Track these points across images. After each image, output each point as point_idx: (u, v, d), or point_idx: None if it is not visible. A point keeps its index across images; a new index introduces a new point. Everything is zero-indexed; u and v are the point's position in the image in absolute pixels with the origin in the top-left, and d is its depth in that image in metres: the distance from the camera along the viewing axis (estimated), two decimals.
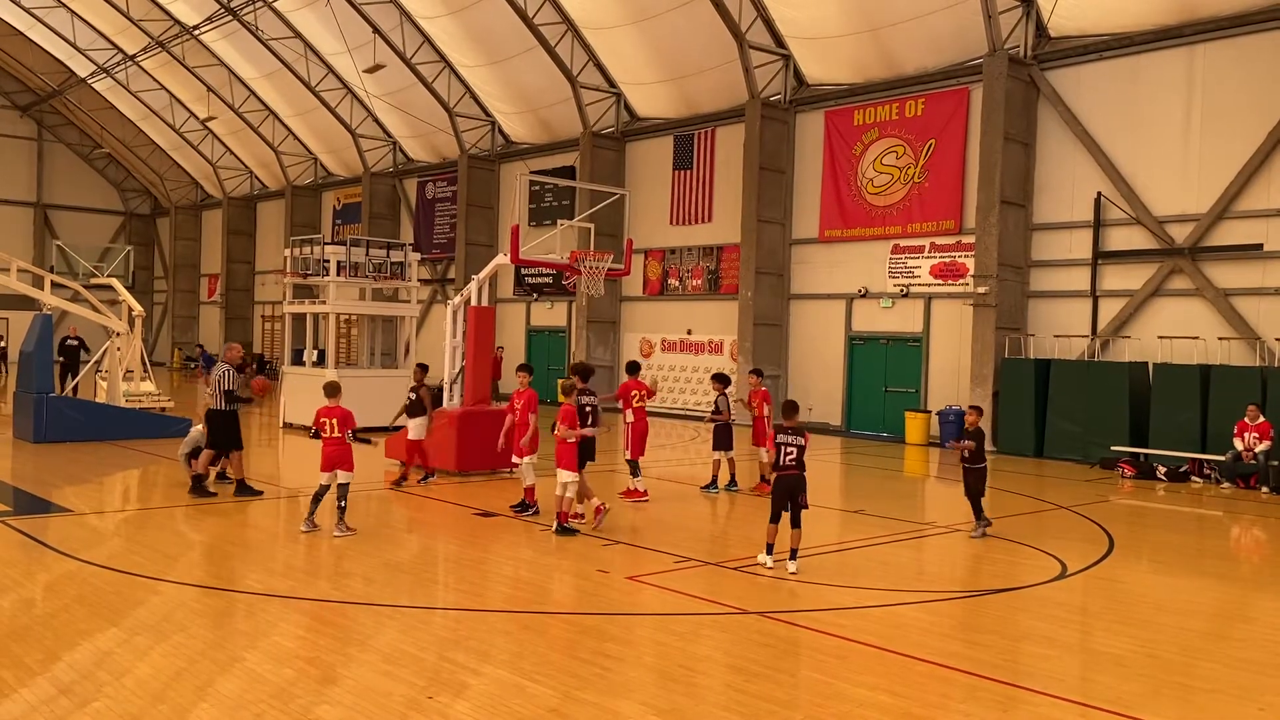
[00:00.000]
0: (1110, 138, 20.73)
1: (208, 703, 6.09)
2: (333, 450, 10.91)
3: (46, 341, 18.76)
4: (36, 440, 17.98)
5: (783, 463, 9.81)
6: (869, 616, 8.36)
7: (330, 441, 10.93)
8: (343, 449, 10.93)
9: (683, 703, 6.30)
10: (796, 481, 9.81)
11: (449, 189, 36.60)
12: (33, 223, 51.66)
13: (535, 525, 11.75)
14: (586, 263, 15.52)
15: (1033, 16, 21.44)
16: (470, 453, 15.37)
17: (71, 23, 40.72)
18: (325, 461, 10.95)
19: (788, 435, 9.84)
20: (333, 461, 10.90)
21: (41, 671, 6.57)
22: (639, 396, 13.90)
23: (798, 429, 9.94)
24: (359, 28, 32.15)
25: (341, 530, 10.79)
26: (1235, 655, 7.68)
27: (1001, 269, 21.35)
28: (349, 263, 21.69)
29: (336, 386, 11.36)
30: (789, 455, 9.79)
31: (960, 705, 6.37)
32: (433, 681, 6.54)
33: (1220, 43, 19.32)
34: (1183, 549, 12.36)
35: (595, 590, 9.13)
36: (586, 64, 29.37)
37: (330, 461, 10.91)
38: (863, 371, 25.05)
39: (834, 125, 25.39)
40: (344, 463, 10.92)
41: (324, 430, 10.96)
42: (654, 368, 29.28)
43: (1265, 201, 18.73)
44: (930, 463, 20.07)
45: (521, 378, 12.55)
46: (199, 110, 42.79)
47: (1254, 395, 17.16)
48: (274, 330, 45.65)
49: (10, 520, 11.44)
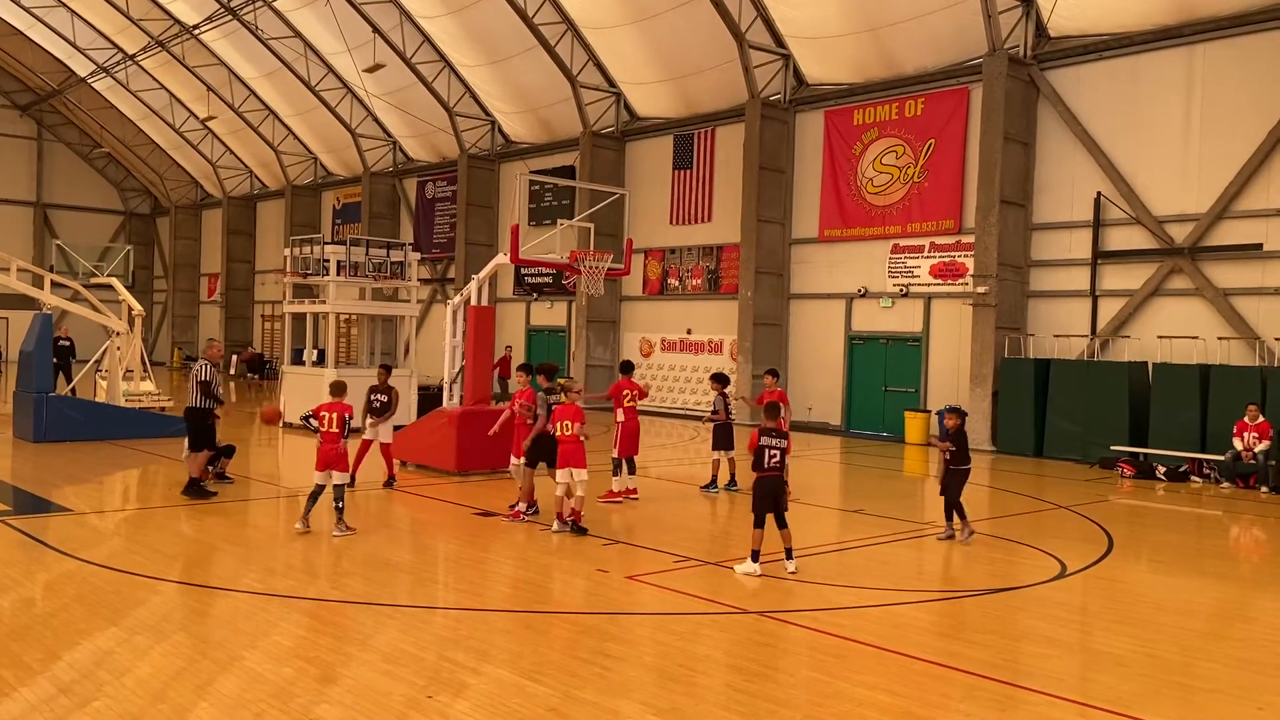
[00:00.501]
0: (1110, 137, 20.74)
1: (207, 702, 6.10)
2: (329, 450, 10.92)
3: (46, 341, 18.77)
4: (36, 440, 17.99)
5: (766, 465, 9.56)
6: (868, 616, 8.36)
7: (328, 438, 10.93)
8: (338, 449, 10.93)
9: (682, 702, 6.30)
10: (778, 484, 9.62)
11: (449, 189, 36.60)
12: (32, 222, 51.70)
13: (535, 525, 11.75)
14: (586, 262, 15.51)
15: (1032, 16, 21.45)
16: (470, 452, 15.36)
17: (71, 22, 40.73)
18: (320, 461, 10.96)
19: (771, 437, 9.62)
20: (327, 461, 10.90)
21: (41, 671, 6.57)
22: (630, 396, 13.85)
23: (780, 431, 9.74)
24: (359, 27, 32.16)
25: (341, 530, 10.79)
26: (1234, 655, 7.69)
27: (1001, 269, 21.36)
28: (349, 262, 21.69)
29: (343, 386, 11.38)
30: (772, 458, 9.57)
31: (959, 705, 6.38)
32: (432, 681, 6.55)
33: (1220, 42, 19.32)
34: (1182, 549, 12.36)
35: (595, 590, 9.13)
36: (586, 64, 29.37)
37: (325, 461, 10.91)
38: (862, 371, 25.05)
39: (834, 125, 25.40)
40: (339, 463, 10.92)
41: (322, 424, 10.97)
42: (654, 367, 29.29)
43: (1265, 201, 18.74)
44: (929, 462, 20.07)
45: (521, 377, 12.57)
46: (199, 110, 42.79)
47: (1253, 395, 17.17)
48: (274, 330, 45.66)
49: (10, 520, 11.44)
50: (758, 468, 9.66)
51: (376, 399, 14.30)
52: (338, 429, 10.95)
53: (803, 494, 15.26)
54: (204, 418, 12.90)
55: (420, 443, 16.19)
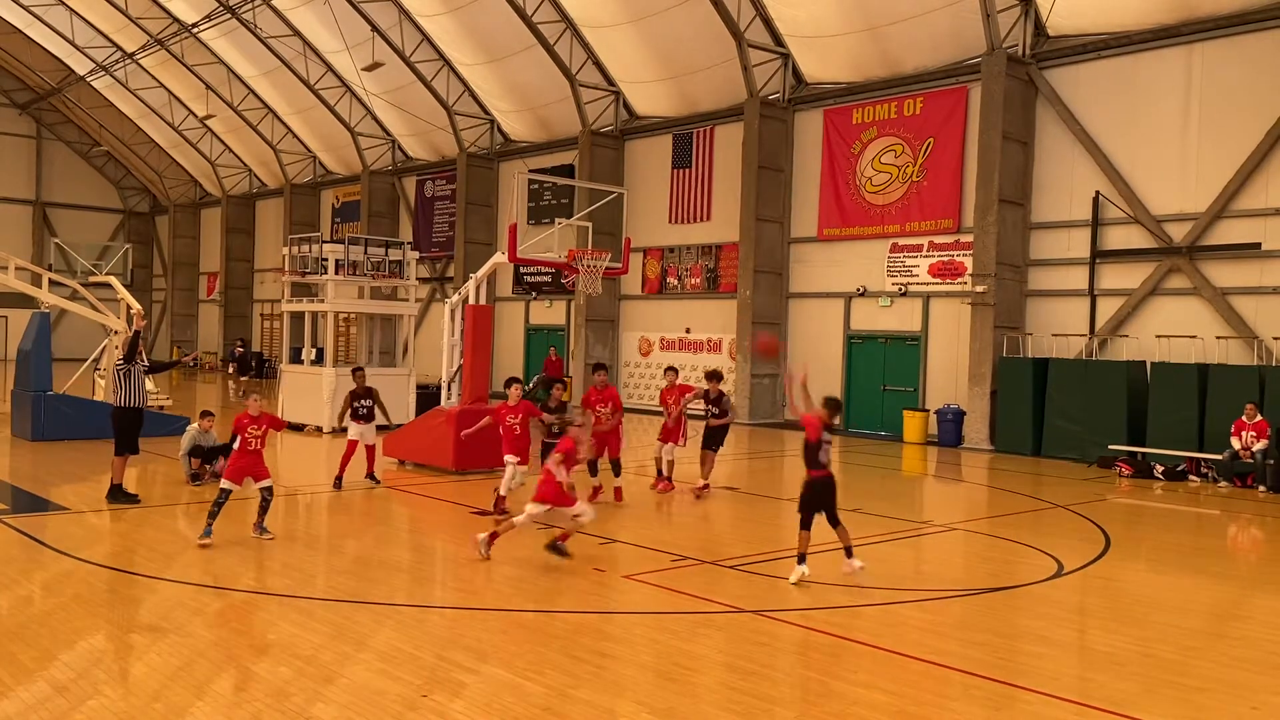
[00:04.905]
0: (1108, 137, 20.73)
1: (204, 701, 6.10)
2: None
3: (45, 339, 18.77)
4: (35, 438, 17.99)
5: (822, 462, 9.22)
6: (865, 615, 8.37)
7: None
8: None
9: (679, 701, 6.30)
10: (830, 483, 9.24)
11: (448, 187, 36.60)
12: (31, 221, 51.67)
13: (534, 524, 11.71)
14: (584, 261, 15.51)
15: (1031, 15, 21.44)
16: (468, 451, 15.35)
17: (70, 21, 40.70)
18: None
19: (826, 434, 9.25)
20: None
21: (38, 670, 6.58)
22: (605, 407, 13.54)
23: (832, 428, 9.36)
24: (358, 26, 32.14)
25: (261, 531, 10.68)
26: (1231, 654, 7.69)
27: (1000, 268, 21.36)
28: (348, 261, 21.68)
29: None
30: (826, 454, 9.22)
31: (956, 704, 6.38)
32: (429, 680, 6.55)
33: (1219, 42, 19.32)
34: (1179, 548, 12.37)
35: (592, 589, 9.13)
36: (585, 62, 29.36)
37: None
38: (861, 370, 25.05)
39: (833, 124, 25.39)
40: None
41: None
42: (652, 366, 29.28)
43: (1263, 200, 18.74)
44: (928, 461, 20.08)
45: (514, 391, 12.16)
46: (198, 108, 42.75)
47: (1251, 394, 17.16)
48: (273, 329, 45.65)
49: (8, 518, 11.44)
50: (812, 466, 9.25)
51: (361, 405, 13.97)
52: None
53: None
54: (124, 418, 12.46)
55: (418, 442, 16.19)
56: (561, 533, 9.89)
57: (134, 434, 12.53)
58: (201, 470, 14.10)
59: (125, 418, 12.51)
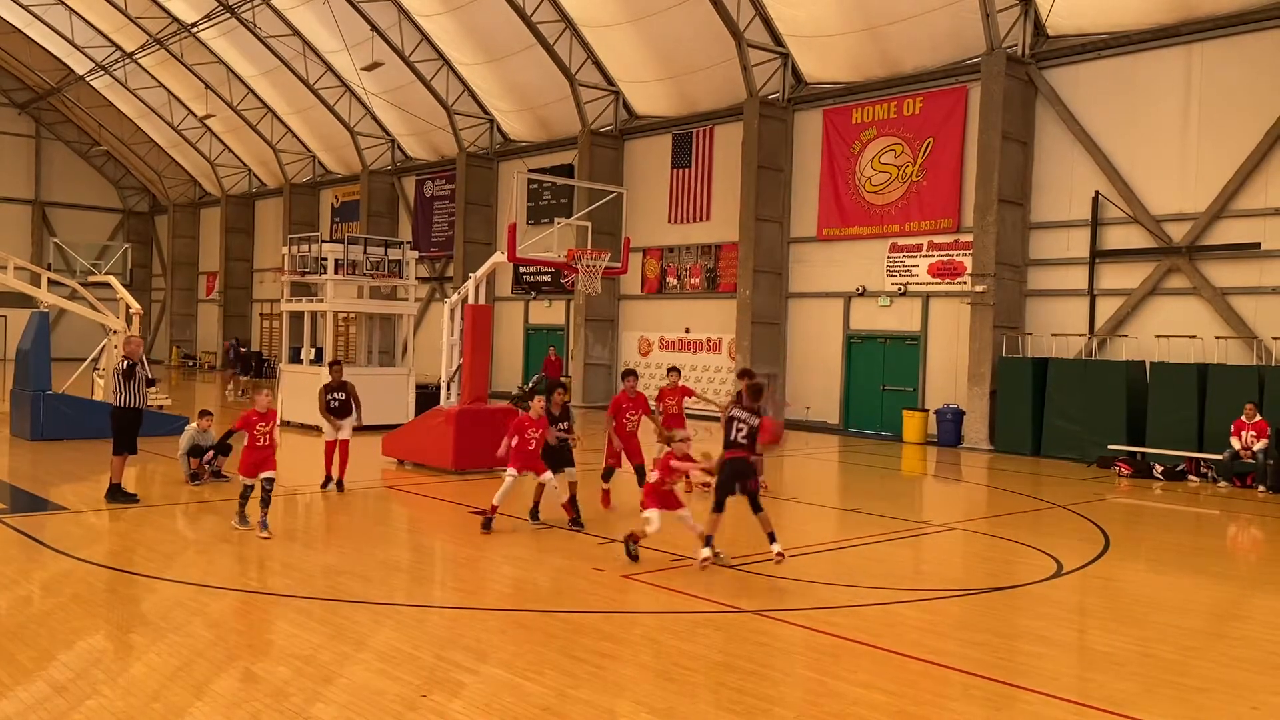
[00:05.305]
0: (1108, 136, 20.74)
1: (203, 701, 6.10)
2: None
3: (44, 339, 18.76)
4: (34, 438, 17.99)
5: (733, 439, 8.92)
6: (864, 615, 8.36)
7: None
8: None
9: (677, 701, 6.30)
10: (744, 465, 8.96)
11: (447, 187, 36.59)
12: (31, 220, 51.65)
13: (533, 524, 11.72)
14: (584, 261, 15.50)
15: (1030, 15, 21.44)
16: (467, 451, 15.35)
17: (69, 20, 40.68)
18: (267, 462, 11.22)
19: (743, 411, 9.00)
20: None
21: (37, 670, 6.57)
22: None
23: (755, 409, 9.13)
24: (357, 25, 32.13)
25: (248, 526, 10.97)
26: (1231, 654, 7.69)
27: (999, 268, 21.36)
28: (347, 261, 21.67)
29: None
30: (739, 431, 8.96)
31: (955, 704, 6.38)
32: (428, 680, 6.54)
33: (1218, 42, 19.32)
34: (1179, 548, 12.36)
35: (591, 589, 9.12)
36: (585, 62, 29.36)
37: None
38: (860, 370, 25.05)
39: (832, 124, 25.39)
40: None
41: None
42: (652, 366, 29.26)
43: (1263, 200, 18.74)
44: (928, 461, 20.08)
45: (537, 403, 11.60)
46: (197, 108, 42.75)
47: (1251, 394, 17.17)
48: (272, 328, 45.64)
49: (7, 518, 11.43)
50: (725, 444, 9.05)
51: (333, 398, 13.66)
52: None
53: (800, 493, 15.29)
54: (123, 418, 12.43)
55: (417, 441, 16.18)
56: (633, 533, 9.81)
57: (132, 434, 12.53)
58: (200, 470, 14.08)
59: (124, 418, 12.51)
